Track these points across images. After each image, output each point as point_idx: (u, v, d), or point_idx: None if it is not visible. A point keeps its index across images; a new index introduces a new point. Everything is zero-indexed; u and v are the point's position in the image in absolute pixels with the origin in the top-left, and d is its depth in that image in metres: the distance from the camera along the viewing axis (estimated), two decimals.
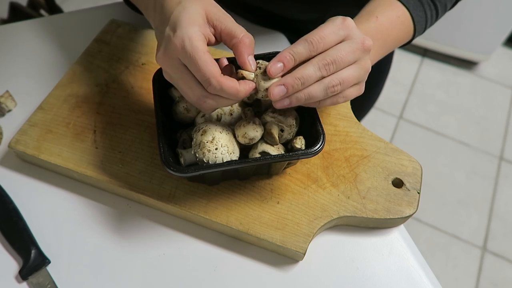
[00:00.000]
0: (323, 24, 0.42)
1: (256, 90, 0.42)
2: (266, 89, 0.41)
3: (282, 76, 0.41)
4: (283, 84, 0.40)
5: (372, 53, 0.50)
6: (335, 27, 0.42)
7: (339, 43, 0.42)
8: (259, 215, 0.48)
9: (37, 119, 0.54)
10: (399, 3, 0.54)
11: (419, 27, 0.56)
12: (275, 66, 0.40)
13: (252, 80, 0.42)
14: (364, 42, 0.42)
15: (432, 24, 0.59)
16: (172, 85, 0.51)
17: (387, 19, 0.52)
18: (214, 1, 0.43)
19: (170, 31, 0.40)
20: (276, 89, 0.40)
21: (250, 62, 0.41)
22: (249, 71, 0.42)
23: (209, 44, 0.42)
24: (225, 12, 0.43)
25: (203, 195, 0.49)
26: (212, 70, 0.39)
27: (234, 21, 0.42)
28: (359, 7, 0.67)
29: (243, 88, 0.40)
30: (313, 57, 0.41)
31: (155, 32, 0.44)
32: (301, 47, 0.40)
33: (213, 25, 0.42)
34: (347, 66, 0.42)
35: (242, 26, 0.43)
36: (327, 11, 0.67)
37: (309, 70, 0.40)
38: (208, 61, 0.39)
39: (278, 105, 0.41)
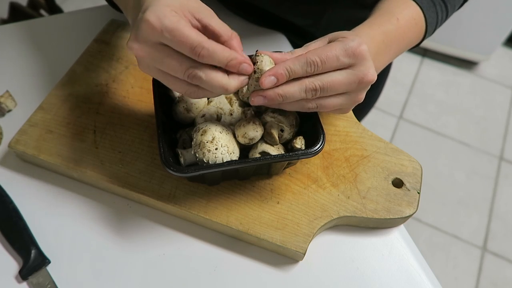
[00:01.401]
0: (333, 43, 0.41)
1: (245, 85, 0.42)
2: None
3: None
4: (265, 96, 0.40)
5: (386, 57, 0.49)
6: (342, 52, 0.40)
7: (340, 69, 0.40)
8: (259, 215, 0.48)
9: (37, 119, 0.54)
10: (413, 3, 0.52)
11: (430, 28, 0.54)
12: (269, 79, 0.40)
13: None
14: (364, 78, 0.41)
15: (441, 25, 0.57)
16: None
17: (405, 21, 0.51)
18: None
19: (142, 13, 0.37)
20: (256, 98, 0.41)
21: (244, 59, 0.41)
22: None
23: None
24: (209, 8, 0.41)
25: (203, 195, 0.49)
26: (199, 37, 0.36)
27: (218, 19, 0.41)
28: (357, 9, 0.67)
29: (235, 55, 0.38)
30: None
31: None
32: (299, 66, 0.39)
33: (198, 19, 0.39)
34: (335, 94, 0.41)
35: (242, 26, 0.43)
36: (325, 12, 0.67)
37: (294, 90, 0.40)
38: (192, 30, 0.36)
39: (252, 102, 0.42)
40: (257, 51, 0.42)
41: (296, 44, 0.71)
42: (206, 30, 0.39)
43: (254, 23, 0.72)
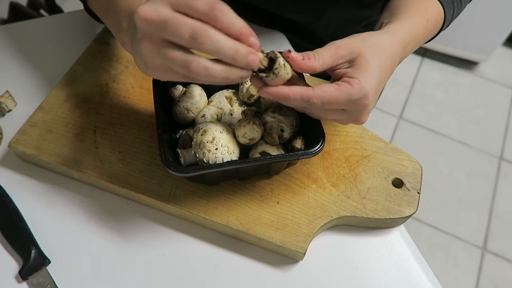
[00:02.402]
0: (341, 87, 0.40)
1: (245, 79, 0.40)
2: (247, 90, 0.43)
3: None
4: (271, 94, 0.40)
5: (404, 57, 0.49)
6: (345, 102, 0.40)
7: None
8: (259, 215, 0.48)
9: (37, 119, 0.54)
10: (437, 1, 0.51)
11: (446, 25, 0.53)
12: (267, 96, 0.40)
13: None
14: (356, 121, 0.43)
15: (452, 21, 0.56)
16: (172, 85, 0.51)
17: (431, 22, 0.50)
18: None
19: (127, 18, 0.38)
20: (263, 93, 0.41)
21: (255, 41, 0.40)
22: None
23: None
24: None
25: (203, 195, 0.49)
26: (195, 22, 0.34)
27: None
28: (357, 7, 0.67)
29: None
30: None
31: (116, 37, 0.44)
32: (299, 103, 0.40)
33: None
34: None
35: None
36: (325, 10, 0.67)
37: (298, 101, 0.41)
38: (184, 17, 0.35)
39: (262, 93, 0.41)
40: (276, 52, 0.40)
41: (296, 44, 0.71)
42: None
43: (254, 22, 0.72)
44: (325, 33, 0.72)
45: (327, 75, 0.45)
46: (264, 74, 0.39)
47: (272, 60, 0.39)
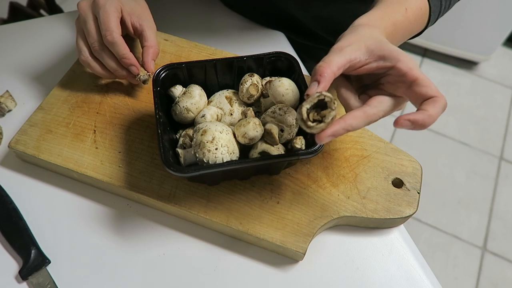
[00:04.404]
0: (385, 99, 0.42)
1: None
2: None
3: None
4: (331, 135, 0.39)
5: (384, 36, 0.49)
6: (393, 109, 0.42)
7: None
8: (259, 215, 0.48)
9: (37, 119, 0.54)
10: None
11: (433, 17, 0.54)
12: (326, 139, 0.39)
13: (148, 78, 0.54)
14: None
15: (443, 14, 0.57)
16: (172, 85, 0.51)
17: (413, 12, 0.50)
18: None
19: None
20: (323, 138, 0.39)
21: (151, 65, 0.53)
22: (147, 71, 0.53)
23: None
24: (147, 13, 0.55)
25: (203, 195, 0.49)
26: (116, 28, 0.51)
27: (152, 25, 0.54)
28: (358, 3, 0.67)
29: (129, 61, 0.52)
30: None
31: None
32: (359, 122, 0.40)
33: (139, 23, 0.53)
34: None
35: (241, 25, 0.43)
36: (325, 6, 0.67)
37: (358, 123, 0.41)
38: (115, 23, 0.51)
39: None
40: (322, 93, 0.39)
41: (296, 43, 0.71)
42: (140, 33, 0.54)
43: (254, 21, 0.72)
44: (325, 30, 0.72)
45: None
46: (321, 125, 0.38)
47: (317, 107, 0.39)
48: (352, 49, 0.41)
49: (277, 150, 0.46)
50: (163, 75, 0.50)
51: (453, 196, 1.52)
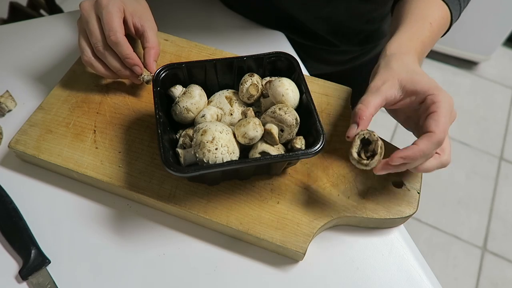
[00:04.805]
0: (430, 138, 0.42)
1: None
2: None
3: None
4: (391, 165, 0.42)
5: (420, 63, 0.50)
6: (436, 147, 0.43)
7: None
8: (259, 215, 0.48)
9: (37, 119, 0.54)
10: (441, 1, 0.52)
11: (454, 21, 0.54)
12: (380, 172, 0.43)
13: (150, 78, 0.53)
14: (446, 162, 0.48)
15: (461, 15, 0.57)
16: (172, 85, 0.51)
17: (437, 24, 0.51)
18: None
19: None
20: (383, 169, 0.43)
21: (153, 65, 0.53)
22: (150, 72, 0.53)
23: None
24: (149, 14, 0.55)
25: (203, 195, 0.49)
26: (120, 28, 0.50)
27: (153, 26, 0.54)
28: (359, 2, 0.67)
29: (132, 61, 0.52)
30: None
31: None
32: (418, 162, 0.43)
33: (141, 24, 0.53)
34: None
35: (241, 25, 0.43)
36: (326, 5, 0.66)
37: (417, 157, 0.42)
38: (119, 23, 0.51)
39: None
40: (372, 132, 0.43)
41: (296, 43, 0.71)
42: (141, 34, 0.54)
43: (254, 21, 0.72)
44: (325, 30, 0.72)
45: (328, 75, 0.46)
46: (376, 157, 0.42)
47: (364, 146, 0.43)
48: (387, 87, 0.44)
49: (277, 150, 0.46)
50: (163, 75, 0.50)
51: (453, 196, 1.52)
